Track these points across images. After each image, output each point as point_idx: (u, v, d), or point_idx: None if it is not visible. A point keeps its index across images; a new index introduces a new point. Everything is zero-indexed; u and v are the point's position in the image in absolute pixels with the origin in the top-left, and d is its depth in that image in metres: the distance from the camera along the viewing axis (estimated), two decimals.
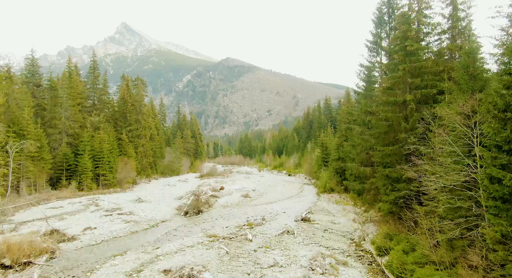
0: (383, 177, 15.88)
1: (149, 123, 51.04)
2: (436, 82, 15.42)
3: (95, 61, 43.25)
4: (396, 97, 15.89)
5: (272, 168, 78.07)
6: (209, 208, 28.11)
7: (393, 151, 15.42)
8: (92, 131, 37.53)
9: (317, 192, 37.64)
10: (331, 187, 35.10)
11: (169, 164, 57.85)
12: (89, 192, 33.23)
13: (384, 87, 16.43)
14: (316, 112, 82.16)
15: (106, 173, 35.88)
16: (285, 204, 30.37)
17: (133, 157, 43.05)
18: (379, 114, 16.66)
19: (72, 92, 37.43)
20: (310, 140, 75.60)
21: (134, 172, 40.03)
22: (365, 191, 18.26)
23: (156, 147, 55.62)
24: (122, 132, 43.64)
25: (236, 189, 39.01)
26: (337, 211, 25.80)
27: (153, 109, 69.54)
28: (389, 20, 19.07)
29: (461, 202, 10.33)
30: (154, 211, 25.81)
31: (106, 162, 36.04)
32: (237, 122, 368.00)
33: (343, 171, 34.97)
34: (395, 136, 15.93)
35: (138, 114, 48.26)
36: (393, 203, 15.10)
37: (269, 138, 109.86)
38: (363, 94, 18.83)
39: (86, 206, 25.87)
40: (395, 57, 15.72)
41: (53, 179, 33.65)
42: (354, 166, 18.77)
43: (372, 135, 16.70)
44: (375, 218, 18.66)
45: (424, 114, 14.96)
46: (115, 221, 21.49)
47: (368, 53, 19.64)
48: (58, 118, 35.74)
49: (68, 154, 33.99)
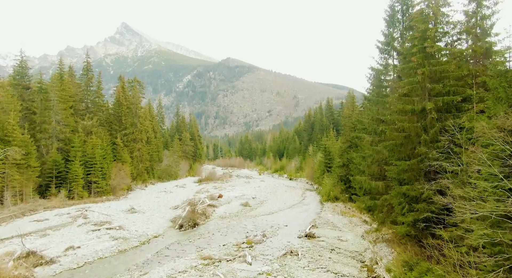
0: (399, 195, 14.09)
1: (146, 126, 49.30)
2: (459, 88, 13.65)
3: (88, 62, 41.48)
4: (413, 105, 14.11)
5: (272, 172, 76.29)
6: (206, 219, 26.34)
7: (410, 166, 13.63)
8: (84, 136, 35.78)
9: (320, 200, 35.86)
10: (335, 195, 33.32)
11: (166, 168, 56.09)
12: (80, 200, 31.47)
13: (399, 94, 14.63)
14: (318, 114, 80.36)
15: (98, 180, 34.12)
16: (287, 214, 28.59)
17: (128, 163, 41.31)
18: (394, 123, 14.88)
19: (63, 95, 35.69)
20: (312, 143, 73.79)
21: (128, 179, 38.27)
22: (377, 208, 16.46)
23: (153, 151, 53.88)
24: (117, 136, 41.91)
25: (235, 197, 37.24)
26: (343, 224, 24.01)
27: (151, 111, 67.84)
28: (403, 19, 17.29)
29: (503, 236, 8.55)
30: (147, 224, 24.03)
31: (99, 168, 34.29)
32: (237, 123, 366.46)
33: (348, 179, 33.23)
34: (413, 149, 14.15)
35: (134, 117, 46.52)
36: (411, 225, 13.30)
37: (269, 140, 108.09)
38: (374, 100, 17.03)
39: (73, 219, 24.11)
40: (413, 59, 13.93)
41: (42, 187, 31.91)
42: (364, 180, 16.97)
43: (385, 147, 14.90)
44: (388, 237, 16.88)
45: (446, 125, 13.19)
46: (103, 237, 19.72)
47: (379, 55, 17.86)
48: (48, 122, 34.01)
49: (58, 161, 32.23)
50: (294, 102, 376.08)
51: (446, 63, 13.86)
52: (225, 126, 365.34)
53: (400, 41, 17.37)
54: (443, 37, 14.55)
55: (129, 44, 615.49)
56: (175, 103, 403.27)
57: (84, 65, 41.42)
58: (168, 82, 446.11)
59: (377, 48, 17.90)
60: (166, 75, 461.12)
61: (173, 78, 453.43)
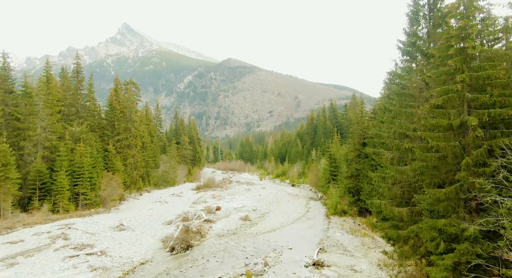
0: (431, 229, 11.45)
1: (141, 131, 46.72)
2: (507, 98, 11.04)
3: (78, 64, 38.94)
4: (450, 119, 11.49)
5: (274, 177, 73.63)
6: (201, 239, 23.72)
7: (447, 195, 10.99)
8: (72, 143, 33.26)
9: (326, 213, 33.21)
10: (342, 208, 30.67)
11: (163, 174, 53.52)
12: (65, 214, 28.91)
13: (430, 105, 12.00)
14: (321, 117, 77.68)
15: (87, 191, 31.57)
16: (291, 232, 25.95)
17: (120, 171, 38.76)
18: (422, 139, 12.26)
19: (50, 99, 33.19)
20: (315, 147, 71.13)
21: (120, 189, 35.70)
22: (401, 239, 13.82)
23: (149, 157, 51.33)
24: (109, 143, 39.38)
25: (234, 209, 34.64)
26: (354, 246, 21.36)
27: (148, 114, 65.36)
28: (430, 14, 14.65)
29: None
30: (134, 246, 21.45)
31: (87, 178, 31.74)
32: (238, 123, 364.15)
33: (357, 190, 30.62)
34: (450, 173, 11.52)
35: (128, 121, 43.97)
36: (451, 270, 10.66)
37: (270, 143, 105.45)
38: (396, 111, 14.40)
39: (52, 240, 21.53)
40: (450, 63, 11.30)
41: (24, 200, 29.39)
42: (384, 204, 14.34)
43: (414, 169, 12.26)
44: (414, 273, 14.22)
45: (494, 145, 10.56)
46: (80, 267, 17.13)
47: (400, 58, 15.25)
48: (33, 129, 31.50)
49: (43, 171, 29.69)
50: (295, 102, 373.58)
51: (491, 67, 11.22)
52: (226, 127, 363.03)
53: (427, 40, 14.72)
54: (487, 36, 11.91)
55: (130, 44, 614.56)
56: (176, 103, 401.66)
57: (74, 67, 38.89)
58: (169, 82, 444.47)
59: (398, 49, 15.27)
60: (167, 75, 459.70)
61: (174, 78, 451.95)
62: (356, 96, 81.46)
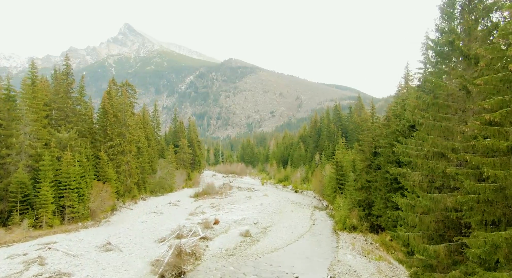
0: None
1: (135, 136, 44.19)
2: None
3: (68, 65, 36.41)
4: (508, 140, 8.86)
5: (276, 182, 70.97)
6: (196, 261, 21.14)
7: (509, 241, 8.36)
8: (59, 151, 30.79)
9: (334, 227, 30.56)
10: (352, 224, 28.01)
11: (160, 181, 51.00)
12: (48, 230, 26.43)
13: (482, 121, 9.37)
14: (325, 119, 74.98)
15: (74, 203, 29.06)
16: (296, 252, 23.32)
17: (113, 179, 36.25)
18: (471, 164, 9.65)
19: (35, 103, 30.73)
20: (319, 151, 68.49)
21: (111, 200, 33.18)
22: None
23: (145, 162, 48.81)
24: (101, 149, 36.89)
25: (234, 222, 32.08)
26: (370, 274, 18.71)
27: (145, 117, 62.92)
28: (469, 7, 11.99)
29: None
30: (120, 273, 18.88)
31: (75, 190, 29.24)
32: (239, 124, 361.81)
33: (368, 204, 27.98)
34: (507, 208, 8.89)
35: (122, 126, 41.47)
36: None
37: (272, 146, 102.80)
38: (429, 125, 11.76)
39: (26, 265, 18.99)
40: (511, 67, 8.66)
41: (4, 214, 26.93)
42: (413, 238, 11.71)
43: (459, 202, 9.63)
44: None
45: None
46: None
47: (434, 59, 12.63)
48: (15, 135, 29.03)
49: (25, 182, 27.21)
50: (297, 103, 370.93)
51: None
52: (227, 127, 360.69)
53: (466, 39, 12.07)
54: None
55: (131, 44, 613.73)
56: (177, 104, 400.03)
57: (63, 69, 36.40)
58: (171, 83, 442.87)
59: (430, 49, 12.65)
60: (168, 75, 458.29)
61: (176, 79, 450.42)
62: (361, 98, 78.77)
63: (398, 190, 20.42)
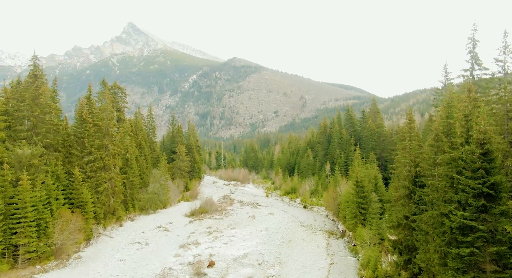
0: None
1: (121, 148, 38.09)
2: None
3: (36, 65, 30.39)
4: None
5: (282, 194, 64.54)
6: None
7: None
8: (17, 172, 24.77)
9: (360, 272, 24.13)
10: (386, 273, 21.61)
11: (151, 196, 44.93)
12: None
13: None
14: (336, 124, 68.42)
15: (30, 240, 23.02)
16: None
17: (89, 202, 30.21)
18: None
19: None
20: (329, 160, 61.97)
21: (80, 234, 27.05)
22: None
23: (134, 176, 42.75)
24: (75, 166, 30.85)
25: (234, 260, 25.89)
26: None
27: (138, 123, 56.93)
28: None
29: None
30: None
31: (32, 223, 23.20)
32: (243, 124, 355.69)
33: (408, 248, 21.57)
34: None
35: (104, 137, 35.41)
36: None
37: (277, 151, 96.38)
38: None
39: None
40: None
41: None
42: None
43: None
44: None
45: None
46: None
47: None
48: None
49: None
50: (301, 102, 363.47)
51: None
52: (230, 127, 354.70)
53: None
54: None
55: (135, 43, 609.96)
56: (180, 103, 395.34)
57: (30, 70, 30.38)
58: (174, 82, 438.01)
59: None
60: (171, 75, 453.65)
61: (179, 78, 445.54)
62: (375, 101, 72.09)
63: (463, 244, 14.15)
